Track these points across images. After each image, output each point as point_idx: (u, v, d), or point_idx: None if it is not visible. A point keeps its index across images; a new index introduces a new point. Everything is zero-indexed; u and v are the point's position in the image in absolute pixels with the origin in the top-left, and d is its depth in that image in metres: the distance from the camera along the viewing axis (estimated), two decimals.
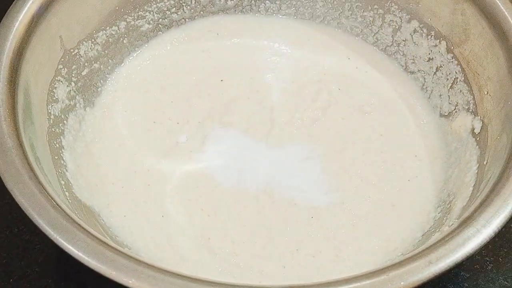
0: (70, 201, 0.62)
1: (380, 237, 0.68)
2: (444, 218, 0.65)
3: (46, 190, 0.55)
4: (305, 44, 0.88)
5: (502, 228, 0.54)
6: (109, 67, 0.81)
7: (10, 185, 0.54)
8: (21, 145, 0.58)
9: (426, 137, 0.78)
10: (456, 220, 0.58)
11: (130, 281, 0.48)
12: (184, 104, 0.80)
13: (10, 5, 0.67)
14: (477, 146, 0.69)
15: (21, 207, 0.52)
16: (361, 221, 0.69)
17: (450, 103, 0.77)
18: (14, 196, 0.53)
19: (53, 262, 0.72)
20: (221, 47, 0.88)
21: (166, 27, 0.87)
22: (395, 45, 0.85)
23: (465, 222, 0.55)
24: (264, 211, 0.70)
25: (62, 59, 0.72)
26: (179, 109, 0.79)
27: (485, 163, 0.66)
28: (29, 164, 0.56)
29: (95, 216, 0.67)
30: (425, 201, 0.71)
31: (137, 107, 0.79)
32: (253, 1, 0.89)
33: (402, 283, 0.49)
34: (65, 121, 0.72)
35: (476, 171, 0.66)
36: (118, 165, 0.73)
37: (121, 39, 0.82)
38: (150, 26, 0.85)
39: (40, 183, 0.55)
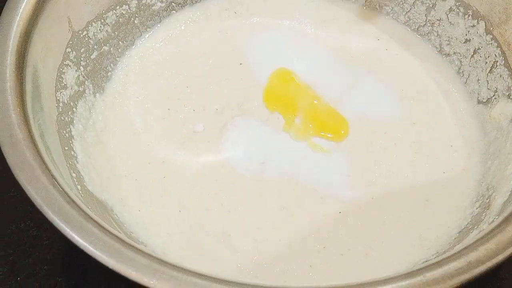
0: (82, 195, 0.64)
1: (413, 234, 0.70)
2: (483, 214, 0.66)
3: (59, 184, 0.56)
4: (330, 24, 0.90)
5: None
6: (119, 50, 0.83)
7: (21, 179, 0.55)
8: (31, 136, 0.59)
9: (463, 125, 0.79)
10: (497, 217, 0.60)
11: (152, 282, 0.50)
12: (200, 90, 0.81)
13: None
14: None
15: (34, 203, 0.54)
16: (392, 217, 0.71)
17: (488, 89, 0.78)
18: (26, 191, 0.55)
19: (63, 259, 0.74)
20: (239, 27, 0.89)
21: (180, 5, 0.89)
22: (428, 25, 0.86)
23: (507, 219, 0.56)
24: (288, 206, 0.71)
25: (70, 42, 0.74)
26: (195, 95, 0.81)
27: None
28: (40, 156, 0.58)
29: (108, 211, 0.69)
30: (462, 196, 0.72)
31: (150, 93, 0.81)
32: None
33: (439, 285, 0.51)
34: (74, 109, 0.74)
35: None
36: (131, 156, 0.75)
37: (132, 19, 0.84)
38: (163, 4, 0.87)
39: (53, 176, 0.57)
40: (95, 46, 0.79)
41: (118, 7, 0.81)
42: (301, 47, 0.87)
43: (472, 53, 0.80)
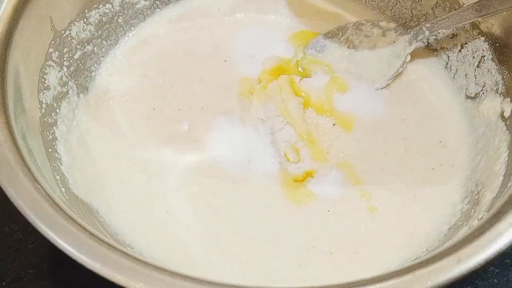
0: (66, 197, 0.64)
1: (402, 231, 0.69)
2: (472, 210, 0.66)
3: (42, 187, 0.56)
4: (315, 18, 0.89)
5: None
6: (103, 49, 0.82)
7: (3, 183, 0.55)
8: (13, 138, 0.59)
9: (451, 121, 0.79)
10: (486, 213, 0.60)
11: (138, 285, 0.49)
12: (185, 89, 0.81)
13: None
14: (507, 131, 0.70)
15: (17, 207, 0.53)
16: (381, 214, 0.71)
17: (476, 84, 0.78)
18: (8, 195, 0.54)
19: (48, 263, 0.73)
20: (223, 23, 0.89)
21: (164, 3, 0.88)
22: (415, 19, 0.85)
23: (496, 215, 0.56)
24: (276, 205, 0.71)
25: (53, 42, 0.73)
26: (180, 94, 0.80)
27: None
28: (22, 158, 0.58)
29: (94, 213, 0.68)
30: (451, 192, 0.72)
31: (134, 92, 0.80)
32: None
33: (429, 282, 0.50)
34: (57, 110, 0.73)
35: (507, 158, 0.67)
36: (116, 157, 0.75)
37: (116, 17, 0.83)
38: (147, 2, 0.86)
39: (35, 179, 0.56)
40: (78, 46, 0.78)
41: (101, 6, 0.80)
42: (285, 41, 0.86)
43: (460, 48, 0.80)
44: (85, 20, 0.78)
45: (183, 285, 0.50)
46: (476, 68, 0.78)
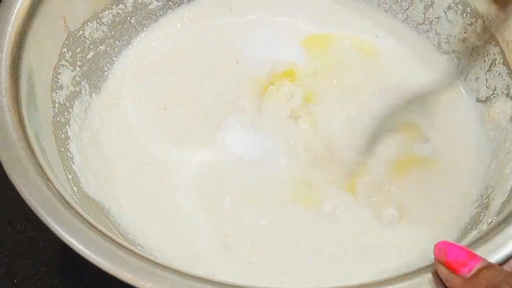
0: (78, 196, 0.64)
1: (411, 234, 0.69)
2: (482, 214, 0.66)
3: (54, 186, 0.56)
4: (327, 20, 0.89)
5: None
6: (115, 49, 0.83)
7: (16, 181, 0.55)
8: (26, 137, 0.59)
9: (461, 124, 0.78)
10: (495, 218, 0.60)
11: (148, 285, 0.49)
12: (196, 89, 0.81)
13: None
14: None
15: (29, 205, 0.54)
16: (389, 217, 0.70)
17: (487, 87, 0.78)
18: (21, 193, 0.55)
19: (59, 260, 0.74)
20: (235, 24, 0.89)
21: (176, 3, 0.89)
22: (427, 22, 0.85)
23: (506, 220, 0.56)
24: (285, 205, 0.71)
25: (66, 42, 0.74)
26: (191, 94, 0.81)
27: None
28: (35, 157, 0.58)
29: (105, 213, 0.68)
30: (460, 196, 0.72)
31: (146, 92, 0.81)
32: None
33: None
34: (70, 110, 0.73)
35: None
36: (128, 157, 0.75)
37: (128, 18, 0.83)
38: (159, 3, 0.86)
39: (48, 178, 0.56)
40: (91, 46, 0.78)
41: (114, 7, 0.81)
42: (297, 44, 0.86)
43: (471, 51, 0.80)
44: (98, 20, 0.79)
45: (193, 285, 0.50)
46: (487, 72, 0.77)
